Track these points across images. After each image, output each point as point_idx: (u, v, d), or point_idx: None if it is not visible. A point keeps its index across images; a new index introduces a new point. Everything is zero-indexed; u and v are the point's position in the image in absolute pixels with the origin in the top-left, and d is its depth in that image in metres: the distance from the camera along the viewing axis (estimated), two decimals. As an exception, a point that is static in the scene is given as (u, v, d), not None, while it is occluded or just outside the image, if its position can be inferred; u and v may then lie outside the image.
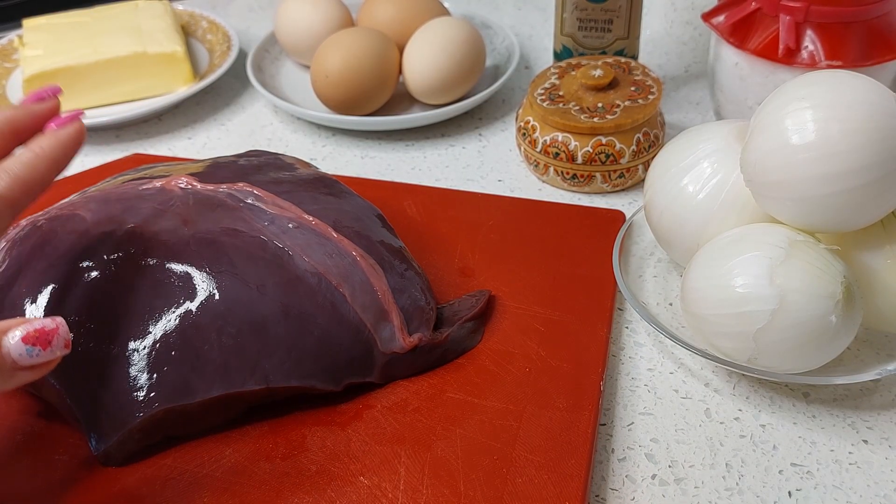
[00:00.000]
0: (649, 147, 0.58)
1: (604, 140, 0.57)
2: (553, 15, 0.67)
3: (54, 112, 0.40)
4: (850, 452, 0.42)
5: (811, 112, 0.41)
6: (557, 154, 0.58)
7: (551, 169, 0.59)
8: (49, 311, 0.42)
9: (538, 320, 0.47)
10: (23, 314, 0.42)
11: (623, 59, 0.62)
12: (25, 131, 0.39)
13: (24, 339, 0.32)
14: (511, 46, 0.72)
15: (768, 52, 0.55)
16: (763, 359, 0.42)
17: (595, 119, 0.57)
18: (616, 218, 0.55)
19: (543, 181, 0.61)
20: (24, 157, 0.37)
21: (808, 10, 0.53)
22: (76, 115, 0.40)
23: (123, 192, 0.46)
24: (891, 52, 0.54)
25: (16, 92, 0.71)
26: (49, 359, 0.33)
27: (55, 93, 0.41)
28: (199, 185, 0.46)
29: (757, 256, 0.41)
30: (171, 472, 0.40)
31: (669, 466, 0.41)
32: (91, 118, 0.68)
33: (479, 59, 0.67)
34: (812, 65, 0.53)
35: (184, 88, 0.70)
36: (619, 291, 0.49)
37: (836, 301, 0.40)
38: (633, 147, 0.57)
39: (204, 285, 0.41)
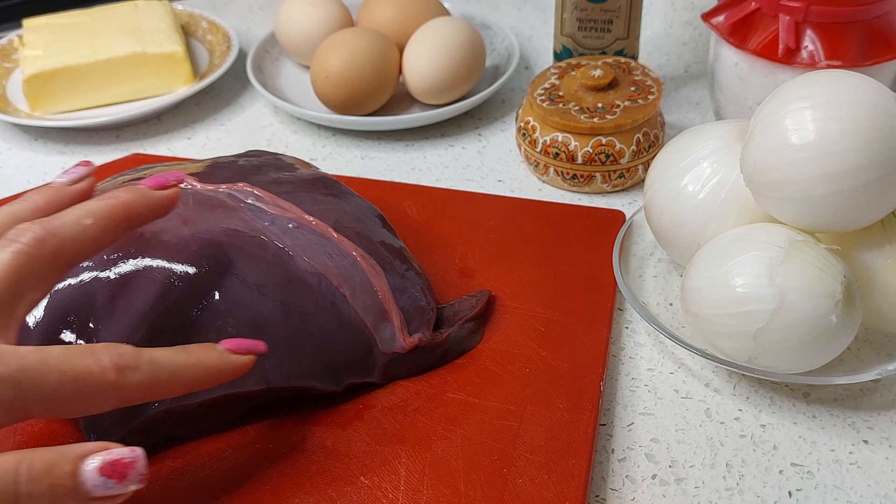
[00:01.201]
0: (649, 147, 0.58)
1: (604, 140, 0.57)
2: (553, 15, 0.67)
3: (172, 202, 0.39)
4: (850, 452, 0.42)
5: (811, 112, 0.41)
6: (557, 154, 0.58)
7: (551, 169, 0.59)
8: (49, 310, 0.41)
9: (538, 320, 0.47)
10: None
11: (623, 60, 0.62)
12: (137, 218, 0.38)
13: (101, 470, 0.30)
14: (511, 47, 0.72)
15: (768, 52, 0.55)
16: (763, 359, 0.42)
17: (595, 119, 0.57)
18: (616, 218, 0.55)
19: (543, 181, 0.61)
20: (178, 358, 0.35)
21: (808, 9, 0.53)
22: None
23: (123, 192, 0.46)
24: (891, 52, 0.54)
25: (16, 92, 0.71)
26: (121, 493, 0.31)
27: (178, 181, 0.40)
28: (199, 186, 0.46)
29: (757, 256, 0.41)
30: (171, 472, 0.40)
31: (670, 466, 0.41)
32: (91, 118, 0.68)
33: (479, 60, 0.67)
34: (812, 65, 0.53)
35: (184, 89, 0.70)
36: (619, 291, 0.49)
37: (836, 301, 0.40)
38: (633, 147, 0.57)
39: (204, 285, 0.41)
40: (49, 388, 0.31)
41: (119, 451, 0.31)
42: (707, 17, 0.59)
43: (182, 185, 0.46)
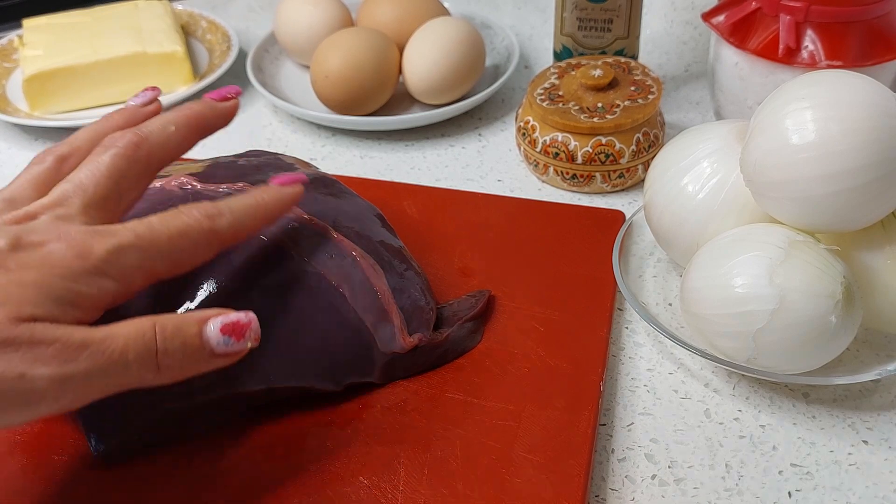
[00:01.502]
0: (649, 147, 0.58)
1: (604, 140, 0.57)
2: (553, 15, 0.67)
3: (233, 112, 0.43)
4: (849, 453, 0.42)
5: (811, 112, 0.41)
6: (557, 154, 0.58)
7: (551, 169, 0.59)
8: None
9: (538, 320, 0.47)
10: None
11: (623, 59, 0.62)
12: (208, 127, 0.42)
13: (222, 330, 0.34)
14: (511, 46, 0.72)
15: (768, 52, 0.55)
16: (763, 359, 0.42)
17: (595, 119, 0.57)
18: (616, 218, 0.55)
19: (543, 181, 0.61)
20: (246, 201, 0.39)
21: (809, 9, 0.53)
22: (299, 178, 0.42)
23: (123, 192, 0.46)
24: (891, 52, 0.54)
25: (16, 92, 0.71)
26: (240, 349, 0.35)
27: (236, 93, 0.43)
28: (198, 185, 0.46)
29: (757, 256, 0.41)
30: (171, 472, 0.40)
31: (669, 467, 0.41)
32: (91, 118, 0.68)
33: (479, 59, 0.67)
34: (812, 65, 0.53)
35: (184, 88, 0.70)
36: (619, 291, 0.49)
37: (835, 301, 0.40)
38: (633, 147, 0.57)
39: (203, 285, 0.41)
40: (165, 246, 0.35)
41: (235, 314, 0.35)
42: (707, 16, 0.59)
43: (182, 185, 0.46)
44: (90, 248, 0.33)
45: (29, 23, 0.74)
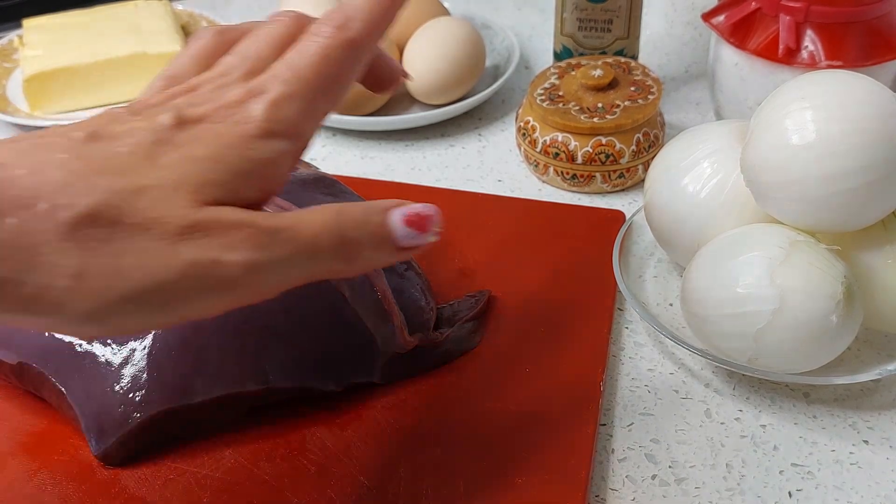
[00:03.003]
0: (649, 147, 0.58)
1: (604, 140, 0.57)
2: (553, 15, 0.67)
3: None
4: (850, 453, 0.42)
5: (811, 112, 0.41)
6: (557, 154, 0.58)
7: (551, 169, 0.59)
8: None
9: (538, 320, 0.47)
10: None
11: (623, 59, 0.62)
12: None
13: (406, 221, 0.32)
14: (511, 46, 0.72)
15: (768, 52, 0.55)
16: (763, 359, 0.42)
17: (595, 119, 0.57)
18: (616, 218, 0.54)
19: (543, 181, 0.61)
20: None
21: (808, 10, 0.53)
22: None
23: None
24: (891, 52, 0.54)
25: (16, 92, 0.71)
26: (423, 242, 0.33)
27: None
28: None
29: (757, 256, 0.41)
30: (171, 472, 0.40)
31: (670, 467, 0.41)
32: (91, 118, 0.68)
33: (479, 59, 0.67)
34: (812, 65, 0.53)
35: (184, 88, 0.70)
36: (619, 291, 0.49)
37: (836, 301, 0.40)
38: (633, 147, 0.57)
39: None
40: (314, 81, 0.31)
41: (418, 206, 0.33)
42: (707, 17, 0.59)
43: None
44: (250, 112, 0.30)
45: (29, 23, 0.73)
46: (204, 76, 0.32)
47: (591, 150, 0.57)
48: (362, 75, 0.35)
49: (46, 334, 0.41)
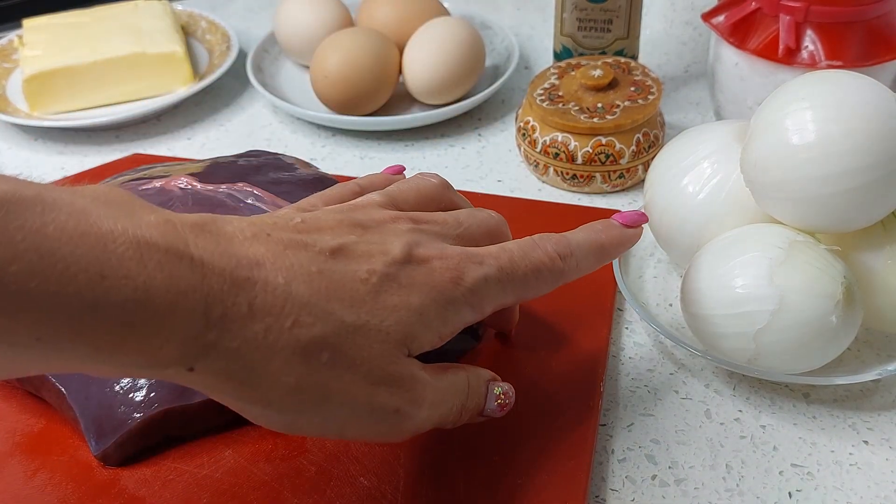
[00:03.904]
0: (649, 147, 0.58)
1: (603, 140, 0.57)
2: (553, 15, 0.67)
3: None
4: (850, 453, 0.42)
5: (811, 112, 0.41)
6: (557, 154, 0.58)
7: (551, 169, 0.59)
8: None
9: (538, 320, 0.47)
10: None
11: (623, 59, 0.62)
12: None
13: (496, 398, 0.37)
14: (511, 46, 0.72)
15: (768, 52, 0.55)
16: (763, 359, 0.42)
17: (595, 119, 0.57)
18: (616, 218, 0.54)
19: (543, 181, 0.61)
20: (591, 239, 0.38)
21: (808, 9, 0.53)
22: (642, 219, 0.41)
23: (123, 192, 0.46)
24: (891, 52, 0.54)
25: (16, 92, 0.71)
26: (494, 416, 0.37)
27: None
28: (198, 186, 0.46)
29: (757, 256, 0.41)
30: (171, 472, 0.40)
31: (670, 467, 0.41)
32: (91, 118, 0.68)
33: (478, 60, 0.67)
34: (812, 65, 0.53)
35: (183, 89, 0.70)
36: (619, 291, 0.49)
37: (836, 301, 0.40)
38: (633, 147, 0.57)
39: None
40: (519, 281, 0.35)
41: (508, 386, 0.37)
42: (707, 17, 0.59)
43: (182, 186, 0.46)
44: (463, 275, 0.33)
45: (29, 23, 0.73)
46: (425, 216, 0.36)
47: (590, 151, 0.57)
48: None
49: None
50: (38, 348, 0.26)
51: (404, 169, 0.44)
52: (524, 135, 0.60)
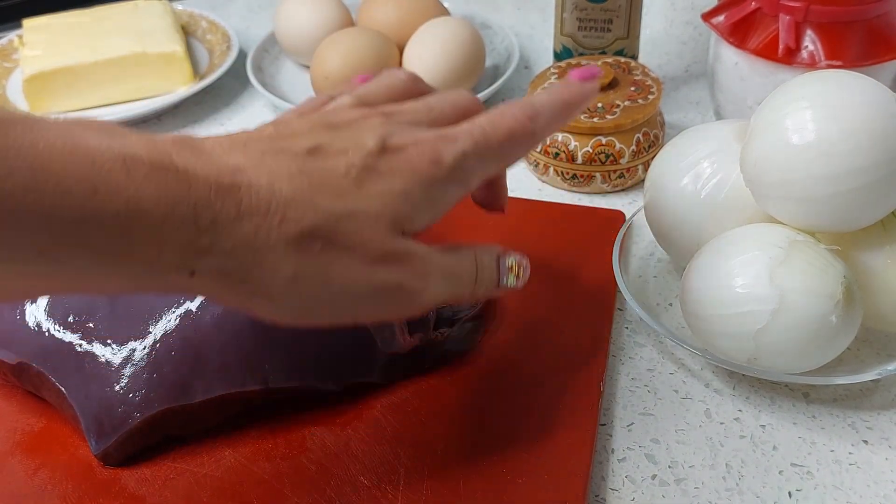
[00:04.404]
0: (649, 147, 0.58)
1: (604, 140, 0.57)
2: (553, 15, 0.67)
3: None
4: (850, 453, 0.42)
5: (811, 112, 0.41)
6: (557, 154, 0.58)
7: (551, 169, 0.59)
8: (49, 309, 0.42)
9: (538, 320, 0.47)
10: (22, 313, 0.42)
11: (623, 59, 0.62)
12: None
13: (511, 268, 0.38)
14: (511, 46, 0.72)
15: (768, 52, 0.55)
16: (763, 359, 0.42)
17: (595, 119, 0.57)
18: (616, 218, 0.54)
19: (543, 181, 0.61)
20: (554, 97, 0.38)
21: (808, 9, 0.53)
22: (596, 73, 0.40)
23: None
24: (891, 52, 0.54)
25: (16, 92, 0.71)
26: (512, 287, 0.39)
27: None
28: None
29: (757, 256, 0.41)
30: (171, 472, 0.40)
31: (669, 467, 0.41)
32: (91, 118, 0.68)
33: (479, 59, 0.67)
34: (812, 65, 0.53)
35: (184, 88, 0.70)
36: (619, 291, 0.49)
37: (836, 301, 0.40)
38: (633, 147, 0.57)
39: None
40: (496, 149, 0.36)
41: (520, 256, 0.39)
42: (707, 16, 0.59)
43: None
44: (441, 155, 0.34)
45: (29, 23, 0.73)
46: (395, 107, 0.36)
47: (591, 150, 0.57)
48: (482, 189, 0.40)
49: (46, 334, 0.41)
50: (41, 263, 0.27)
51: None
52: (524, 135, 0.60)
